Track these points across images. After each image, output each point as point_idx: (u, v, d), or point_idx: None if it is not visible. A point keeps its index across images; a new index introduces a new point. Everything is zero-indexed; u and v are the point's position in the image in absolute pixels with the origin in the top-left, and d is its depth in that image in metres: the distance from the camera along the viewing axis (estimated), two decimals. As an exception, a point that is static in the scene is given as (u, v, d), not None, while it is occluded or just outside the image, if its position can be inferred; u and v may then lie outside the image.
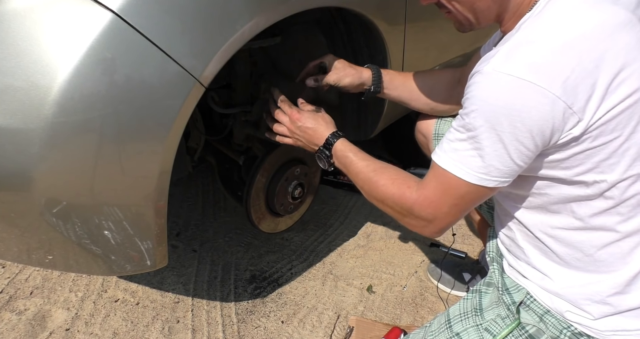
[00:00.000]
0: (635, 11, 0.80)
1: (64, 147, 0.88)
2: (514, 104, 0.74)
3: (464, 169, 0.83)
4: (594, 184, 0.81)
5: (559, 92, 0.73)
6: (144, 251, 1.08)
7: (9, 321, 1.49)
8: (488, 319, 1.00)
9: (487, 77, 0.77)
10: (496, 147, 0.78)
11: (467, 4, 0.87)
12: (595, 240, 0.86)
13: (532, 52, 0.75)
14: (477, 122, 0.78)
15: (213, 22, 0.94)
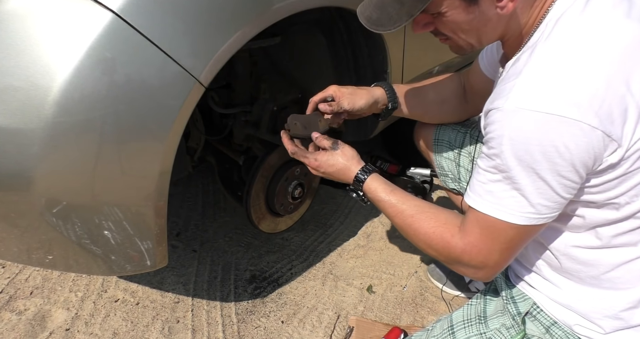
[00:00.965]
0: None
1: (64, 147, 0.88)
2: (549, 141, 0.70)
3: (507, 212, 0.78)
4: (626, 205, 0.78)
5: (595, 122, 0.69)
6: (144, 251, 1.08)
7: (9, 321, 1.49)
8: (492, 328, 0.99)
9: (511, 116, 0.72)
10: (538, 185, 0.74)
11: (472, 32, 0.82)
12: (613, 258, 0.84)
13: (556, 82, 0.71)
14: (510, 163, 0.74)
15: (213, 22, 0.94)
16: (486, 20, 0.79)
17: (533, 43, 0.79)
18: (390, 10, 0.78)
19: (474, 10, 0.77)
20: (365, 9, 0.82)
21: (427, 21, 0.84)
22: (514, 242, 0.81)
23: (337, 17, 1.40)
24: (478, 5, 0.77)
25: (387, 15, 0.79)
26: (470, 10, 0.78)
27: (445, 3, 0.77)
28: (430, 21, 0.83)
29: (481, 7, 0.77)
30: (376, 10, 0.80)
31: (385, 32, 0.80)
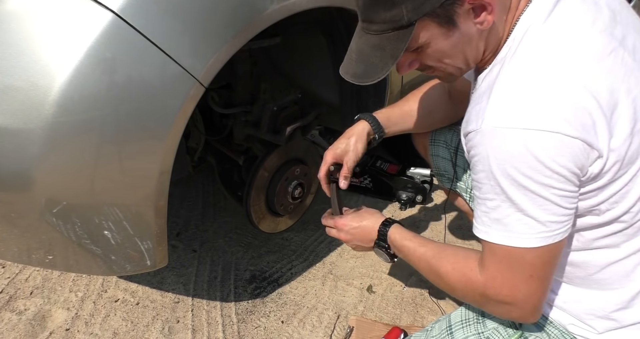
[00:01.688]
0: (614, 32, 0.76)
1: (64, 147, 0.88)
2: (533, 156, 0.69)
3: (519, 237, 0.75)
4: (607, 212, 0.78)
5: (572, 131, 0.69)
6: (144, 251, 1.08)
7: (9, 321, 1.49)
8: (490, 327, 0.99)
9: (491, 136, 0.72)
10: (538, 202, 0.72)
11: (458, 55, 0.81)
12: (598, 260, 0.84)
13: (528, 98, 0.71)
14: (503, 184, 0.73)
15: (213, 22, 0.94)
16: (469, 39, 0.78)
17: (502, 58, 0.79)
18: (373, 60, 0.78)
19: (454, 32, 0.76)
20: (348, 67, 0.82)
21: (411, 59, 0.83)
22: (536, 268, 0.77)
23: (338, 17, 1.40)
24: (457, 28, 0.76)
25: (372, 66, 0.78)
26: (451, 33, 0.76)
27: (424, 35, 0.76)
28: (414, 58, 0.82)
29: (461, 29, 0.76)
30: (359, 64, 0.80)
31: (375, 81, 0.79)
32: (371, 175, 2.02)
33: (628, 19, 0.82)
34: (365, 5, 0.75)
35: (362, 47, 0.79)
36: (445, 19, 0.74)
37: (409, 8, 0.72)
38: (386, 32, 0.75)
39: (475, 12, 0.75)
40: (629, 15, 0.84)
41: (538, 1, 0.78)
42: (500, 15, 0.77)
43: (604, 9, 0.79)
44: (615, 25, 0.77)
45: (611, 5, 0.81)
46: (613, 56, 0.73)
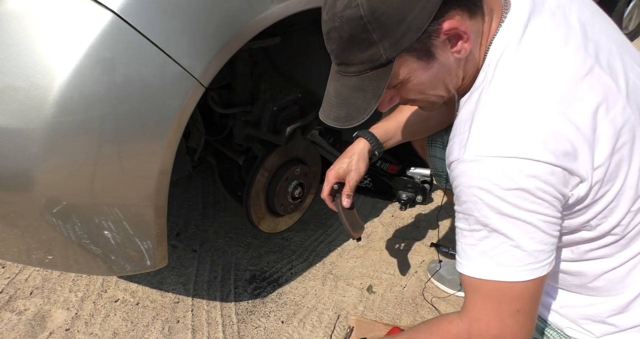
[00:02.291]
0: (587, 50, 0.75)
1: (64, 147, 0.88)
2: (517, 184, 0.69)
3: (508, 270, 0.72)
4: (597, 227, 0.78)
5: (552, 159, 0.68)
6: (144, 251, 1.08)
7: (9, 321, 1.49)
8: None
9: (473, 166, 0.71)
10: (525, 230, 0.71)
11: (439, 85, 0.79)
12: (593, 270, 0.84)
13: (508, 126, 0.70)
14: (488, 213, 0.71)
15: (213, 22, 0.94)
16: (448, 69, 0.77)
17: (479, 84, 0.78)
18: (355, 101, 0.76)
19: (433, 64, 0.75)
20: (329, 112, 0.80)
21: (391, 95, 0.81)
22: (523, 302, 0.74)
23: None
24: (436, 59, 0.75)
25: (355, 107, 0.77)
26: (430, 65, 0.75)
27: (404, 70, 0.75)
28: (394, 94, 0.81)
29: (439, 59, 0.75)
30: (341, 108, 0.78)
31: (360, 123, 0.77)
32: (371, 175, 2.02)
33: (601, 29, 0.81)
34: (339, 48, 0.74)
35: (340, 90, 0.78)
36: (423, 52, 0.73)
37: (386, 46, 0.71)
38: (364, 72, 0.74)
39: (452, 42, 0.74)
40: (601, 23, 0.83)
41: (508, 24, 0.77)
42: (475, 42, 0.77)
43: (574, 25, 0.78)
44: (587, 42, 0.76)
45: (581, 18, 0.80)
46: (589, 77, 0.73)
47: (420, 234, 1.90)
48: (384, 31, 0.69)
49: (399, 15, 0.68)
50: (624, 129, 0.73)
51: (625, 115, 0.73)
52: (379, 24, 0.69)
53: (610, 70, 0.76)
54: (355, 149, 1.16)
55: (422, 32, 0.70)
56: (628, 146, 0.74)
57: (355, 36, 0.70)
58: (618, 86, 0.75)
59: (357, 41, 0.71)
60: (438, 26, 0.71)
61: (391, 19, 0.68)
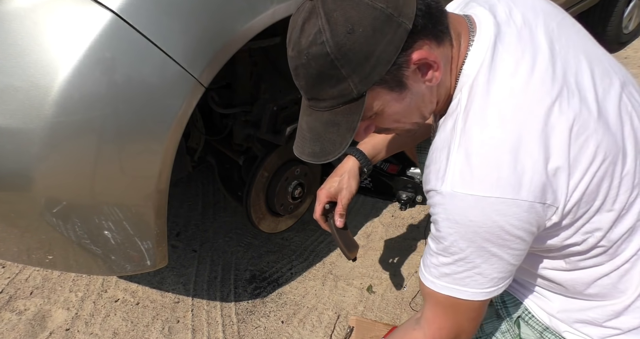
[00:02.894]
0: (555, 72, 0.74)
1: (64, 147, 0.88)
2: (492, 221, 0.70)
3: (468, 292, 0.77)
4: (583, 242, 0.79)
5: (531, 197, 0.69)
6: (144, 251, 1.08)
7: (9, 321, 1.49)
8: (487, 332, 0.99)
9: (450, 200, 0.72)
10: (492, 262, 0.74)
11: (413, 113, 0.79)
12: (585, 278, 0.84)
13: (485, 164, 0.70)
14: (461, 245, 0.74)
15: (213, 22, 0.94)
16: (421, 97, 0.77)
17: (453, 110, 0.77)
18: (330, 136, 0.76)
19: (406, 94, 0.74)
20: (304, 147, 0.79)
21: (366, 125, 0.81)
22: (479, 311, 0.82)
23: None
24: (408, 89, 0.74)
25: (330, 142, 0.76)
26: (403, 95, 0.74)
27: (377, 103, 0.74)
28: (369, 123, 0.81)
29: (412, 89, 0.74)
30: (316, 143, 0.77)
31: (336, 157, 0.77)
32: (371, 175, 2.02)
33: (568, 42, 0.80)
34: (309, 84, 0.73)
35: (313, 125, 0.77)
36: (395, 83, 0.72)
37: (356, 81, 0.70)
38: (337, 107, 0.73)
39: (422, 71, 0.73)
40: (569, 34, 0.82)
41: (476, 49, 0.76)
42: (445, 69, 0.76)
43: (542, 44, 0.77)
44: (555, 61, 0.75)
45: (548, 33, 0.79)
46: (558, 103, 0.72)
47: (420, 234, 1.90)
48: (352, 67, 0.68)
49: (366, 50, 0.67)
50: (599, 149, 0.72)
51: (598, 136, 0.73)
52: (346, 60, 0.68)
53: (579, 90, 0.75)
54: (345, 168, 1.15)
55: (391, 64, 0.69)
56: (605, 164, 0.73)
57: (324, 73, 0.69)
58: (588, 107, 0.74)
59: (326, 77, 0.70)
60: (407, 58, 0.70)
61: (358, 54, 0.67)
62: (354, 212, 2.06)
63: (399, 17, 0.67)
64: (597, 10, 2.98)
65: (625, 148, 0.76)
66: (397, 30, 0.68)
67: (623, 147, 0.75)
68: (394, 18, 0.67)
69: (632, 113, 0.79)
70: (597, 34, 3.12)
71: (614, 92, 0.79)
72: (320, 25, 0.67)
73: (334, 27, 0.66)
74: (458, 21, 0.77)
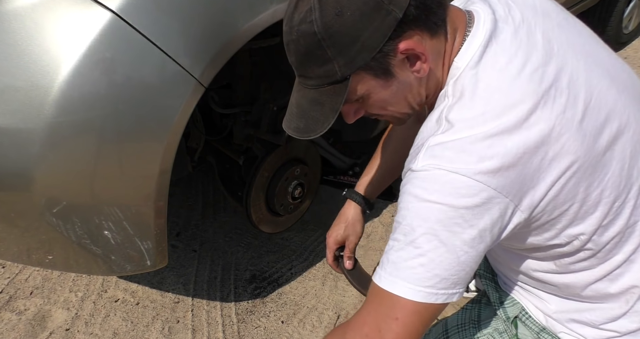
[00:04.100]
0: (546, 72, 0.73)
1: (64, 147, 0.88)
2: (450, 199, 0.67)
3: (404, 286, 0.70)
4: (568, 245, 0.77)
5: (493, 184, 0.67)
6: (144, 251, 1.08)
7: (9, 321, 1.49)
8: (485, 332, 0.99)
9: (417, 174, 0.70)
10: (439, 252, 0.69)
11: (401, 102, 0.79)
12: (578, 281, 0.83)
13: (459, 148, 0.69)
14: (413, 223, 0.70)
15: (213, 22, 0.94)
16: (409, 87, 0.76)
17: (440, 102, 0.76)
18: (314, 114, 0.76)
19: (392, 82, 0.74)
20: (290, 122, 0.80)
21: (355, 108, 0.81)
22: (411, 320, 0.72)
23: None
24: (395, 77, 0.74)
25: (314, 120, 0.77)
26: (389, 84, 0.74)
27: (362, 87, 0.74)
28: (358, 107, 0.81)
29: (399, 78, 0.74)
30: (300, 119, 0.78)
31: (318, 135, 0.77)
32: (371, 175, 2.02)
33: (568, 42, 0.79)
34: (298, 61, 0.74)
35: (301, 102, 0.78)
36: (380, 70, 0.72)
37: (340, 63, 0.70)
38: (322, 86, 0.74)
39: (410, 61, 0.73)
40: (569, 35, 0.81)
41: (469, 44, 0.75)
42: (436, 62, 0.76)
43: (538, 42, 0.76)
44: (549, 61, 0.74)
45: (547, 32, 0.78)
46: (543, 102, 0.71)
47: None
48: (338, 49, 0.69)
49: (352, 34, 0.68)
50: (579, 153, 0.71)
51: (577, 141, 0.71)
52: (332, 42, 0.68)
53: (570, 89, 0.74)
54: (348, 214, 1.14)
55: (376, 51, 0.70)
56: (584, 167, 0.72)
57: (311, 51, 0.70)
58: (575, 108, 0.73)
59: (313, 56, 0.71)
60: (394, 46, 0.70)
61: (345, 37, 0.68)
62: (354, 212, 2.06)
63: (389, 5, 0.67)
64: (597, 10, 2.98)
65: (604, 153, 0.74)
66: (386, 18, 0.67)
67: (602, 152, 0.73)
68: (383, 5, 0.67)
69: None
70: (597, 34, 3.12)
71: (610, 96, 0.77)
72: (312, 4, 0.68)
73: (325, 7, 0.67)
74: (457, 15, 0.77)
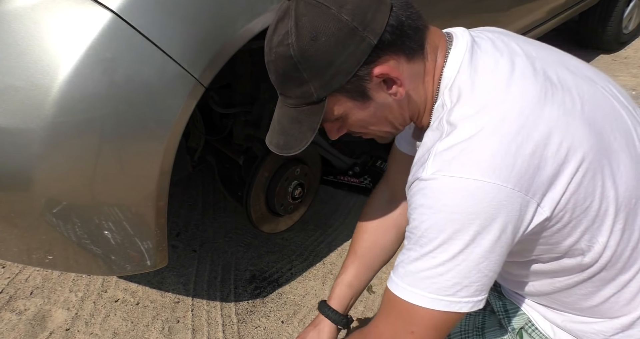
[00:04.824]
0: (536, 69, 0.74)
1: (64, 147, 0.88)
2: (466, 206, 0.66)
3: (426, 296, 0.70)
4: (589, 250, 0.75)
5: (511, 183, 0.66)
6: (144, 251, 1.08)
7: (9, 321, 1.49)
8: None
9: (428, 184, 0.69)
10: (458, 260, 0.68)
11: (382, 122, 0.80)
12: (589, 295, 0.82)
13: (468, 150, 0.68)
14: (430, 234, 0.68)
15: (213, 22, 0.94)
16: (388, 108, 0.77)
17: (439, 113, 0.76)
18: (293, 132, 0.78)
19: (369, 104, 0.75)
20: (272, 138, 0.82)
21: (337, 126, 0.82)
22: (433, 329, 0.71)
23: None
24: (372, 100, 0.75)
25: (293, 137, 0.78)
26: (366, 106, 0.75)
27: (339, 108, 0.76)
28: (340, 125, 0.82)
29: (376, 100, 0.75)
30: (281, 136, 0.80)
31: (297, 152, 0.79)
32: (371, 175, 2.02)
33: (544, 53, 0.81)
34: (277, 81, 0.75)
35: (282, 119, 0.80)
36: (356, 93, 0.73)
37: (316, 86, 0.71)
38: (300, 106, 0.76)
39: (387, 84, 0.74)
40: (543, 49, 0.83)
41: (454, 54, 0.76)
42: (414, 84, 0.76)
43: (516, 49, 0.78)
44: (534, 62, 0.76)
45: (520, 44, 0.80)
46: (544, 94, 0.71)
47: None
48: (313, 72, 0.70)
49: (327, 59, 0.69)
50: (590, 141, 0.71)
51: (585, 129, 0.71)
52: (308, 65, 0.70)
53: (562, 85, 0.74)
54: (321, 326, 1.11)
55: (351, 75, 0.71)
56: (597, 158, 0.71)
57: (288, 73, 0.72)
58: (573, 100, 0.73)
59: (291, 78, 0.72)
60: (369, 71, 0.71)
61: (320, 61, 0.69)
62: (354, 212, 2.06)
63: (364, 32, 0.68)
64: (597, 10, 2.98)
65: (611, 145, 0.74)
66: (361, 44, 0.69)
67: (609, 144, 0.74)
68: (357, 32, 0.68)
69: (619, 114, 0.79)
70: (597, 34, 3.13)
71: (599, 94, 0.78)
72: (289, 27, 0.69)
73: (301, 31, 0.68)
74: (437, 35, 0.79)
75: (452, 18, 1.66)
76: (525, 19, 2.15)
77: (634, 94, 2.83)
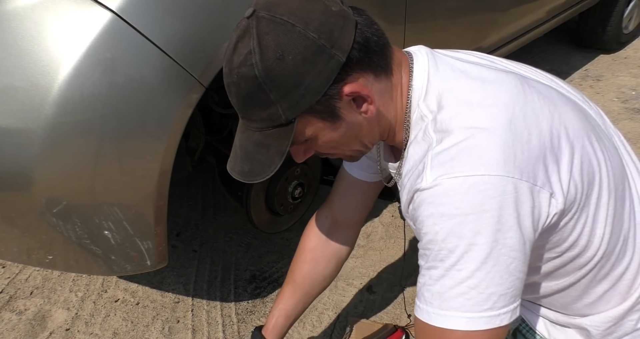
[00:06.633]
0: (506, 68, 0.75)
1: (64, 148, 0.88)
2: (479, 204, 0.62)
3: (462, 317, 0.64)
4: (588, 245, 0.74)
5: (517, 173, 0.63)
6: (144, 251, 1.08)
7: (9, 321, 1.49)
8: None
9: (433, 191, 0.65)
10: (487, 268, 0.63)
11: (352, 141, 0.77)
12: (584, 294, 0.81)
13: (465, 148, 0.66)
14: (449, 245, 0.64)
15: (213, 22, 0.94)
16: (359, 127, 0.75)
17: (418, 125, 0.75)
18: (259, 157, 0.74)
19: (340, 124, 0.72)
20: (235, 164, 0.78)
21: (304, 148, 0.79)
22: None
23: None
24: (342, 119, 0.72)
25: (259, 163, 0.74)
26: (337, 125, 0.73)
27: (309, 130, 0.72)
28: (307, 147, 0.79)
29: (346, 119, 0.72)
30: (245, 162, 0.76)
31: (264, 179, 0.75)
32: (371, 175, 2.02)
33: (496, 58, 0.83)
34: (239, 103, 0.72)
35: (245, 144, 0.76)
36: (326, 113, 0.71)
37: (284, 107, 0.68)
38: (266, 129, 0.72)
39: (357, 103, 0.72)
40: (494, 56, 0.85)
41: (418, 64, 0.76)
42: (384, 101, 0.75)
43: (475, 58, 0.80)
44: (493, 61, 0.78)
45: (474, 53, 0.83)
46: (520, 84, 0.72)
47: (420, 234, 1.90)
48: (280, 93, 0.67)
49: (295, 78, 0.66)
50: (582, 123, 0.72)
51: (573, 112, 0.72)
52: (274, 86, 0.66)
53: (534, 82, 0.75)
54: None
55: (321, 95, 0.68)
56: (589, 139, 0.72)
57: (253, 95, 0.68)
58: (549, 92, 0.74)
59: (256, 99, 0.69)
60: (338, 90, 0.68)
61: (287, 81, 0.66)
62: (354, 212, 2.06)
63: (332, 49, 0.66)
64: (597, 10, 2.98)
65: (595, 130, 0.76)
66: (329, 62, 0.66)
67: (593, 129, 0.76)
68: (326, 49, 0.66)
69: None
70: (597, 34, 3.13)
71: (573, 96, 0.81)
72: (251, 47, 0.65)
73: (265, 50, 0.65)
74: (399, 52, 0.78)
75: (452, 18, 1.66)
76: (525, 19, 2.15)
77: (634, 94, 2.82)
